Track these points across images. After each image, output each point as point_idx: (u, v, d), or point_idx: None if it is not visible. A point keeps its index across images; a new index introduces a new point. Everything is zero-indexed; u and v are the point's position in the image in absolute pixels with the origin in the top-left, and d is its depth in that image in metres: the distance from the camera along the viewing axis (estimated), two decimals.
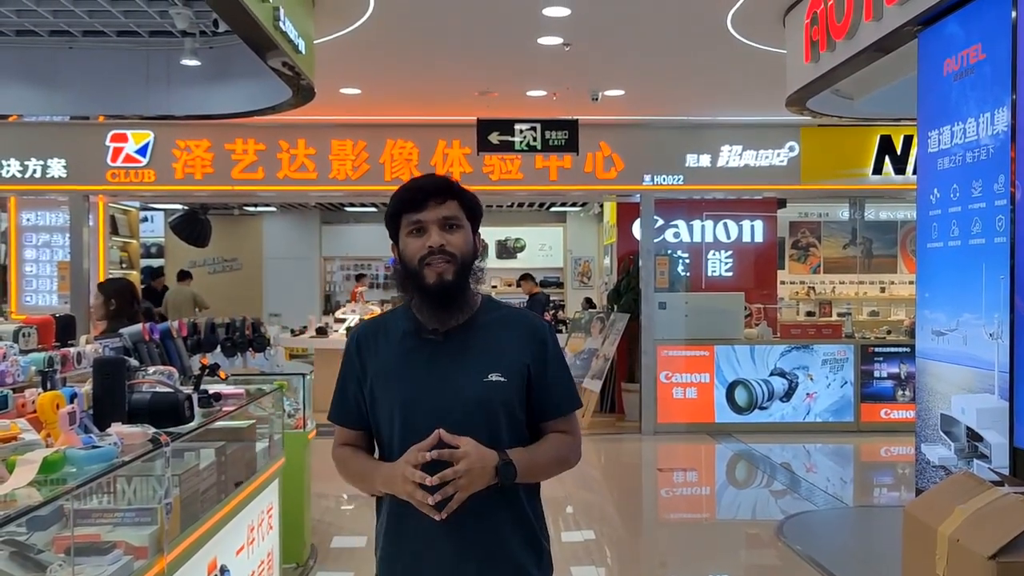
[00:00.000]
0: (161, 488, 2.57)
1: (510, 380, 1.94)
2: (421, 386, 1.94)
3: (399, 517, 1.94)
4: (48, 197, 9.78)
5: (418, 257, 1.93)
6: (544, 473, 2.00)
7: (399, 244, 1.99)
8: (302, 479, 4.94)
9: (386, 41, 6.82)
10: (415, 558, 1.94)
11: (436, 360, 1.95)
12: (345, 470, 2.06)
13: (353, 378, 2.04)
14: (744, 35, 6.62)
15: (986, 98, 3.78)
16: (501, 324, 2.02)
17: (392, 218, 2.00)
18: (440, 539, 1.90)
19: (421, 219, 1.94)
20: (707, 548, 5.86)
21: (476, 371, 1.94)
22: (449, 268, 1.92)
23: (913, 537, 2.94)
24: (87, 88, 7.23)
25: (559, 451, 2.01)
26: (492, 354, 1.96)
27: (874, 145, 9.69)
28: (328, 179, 9.58)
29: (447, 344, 1.96)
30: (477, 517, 1.88)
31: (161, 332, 4.24)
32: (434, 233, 1.93)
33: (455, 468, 1.80)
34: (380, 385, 1.98)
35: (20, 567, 2.17)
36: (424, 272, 1.92)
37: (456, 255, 1.93)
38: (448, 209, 1.95)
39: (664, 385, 9.45)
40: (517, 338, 2.00)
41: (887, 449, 8.79)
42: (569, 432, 2.04)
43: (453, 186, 1.99)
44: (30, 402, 2.62)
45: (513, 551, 1.94)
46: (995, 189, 3.68)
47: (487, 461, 1.84)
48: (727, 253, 10.93)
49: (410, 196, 1.97)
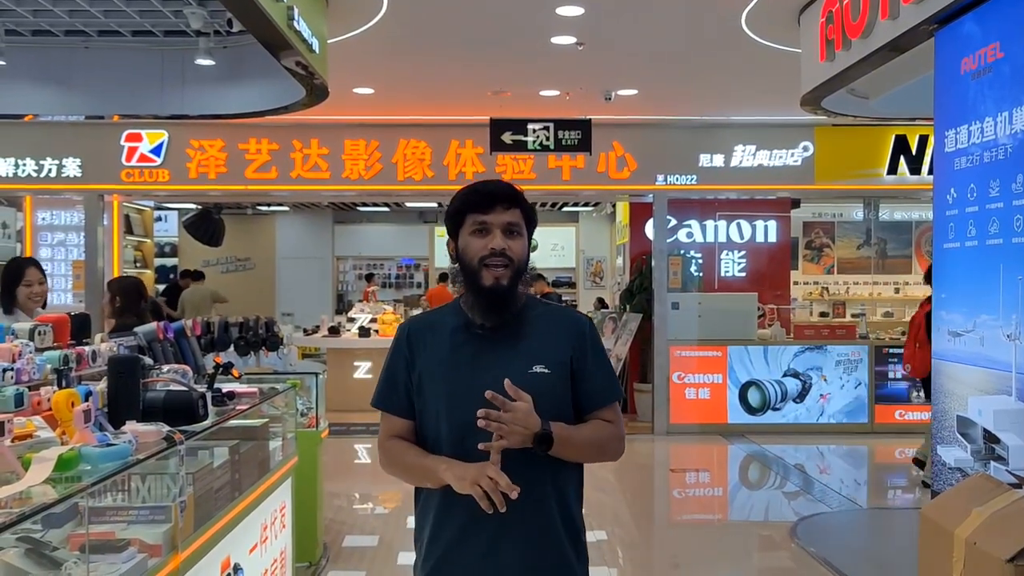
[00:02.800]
0: (175, 486, 2.58)
1: (553, 371, 2.04)
2: (468, 378, 2.01)
3: (447, 505, 2.02)
4: (63, 196, 9.85)
5: (479, 257, 2.03)
6: (580, 453, 2.06)
7: (459, 241, 2.07)
8: (315, 478, 4.95)
9: (399, 41, 6.83)
10: (460, 543, 2.02)
11: (483, 354, 2.05)
12: (395, 462, 2.11)
13: (403, 369, 2.11)
14: (758, 34, 6.59)
15: (1004, 97, 3.74)
16: (544, 319, 2.12)
17: (455, 215, 2.08)
18: (487, 524, 1.95)
19: (487, 221, 2.03)
20: (720, 549, 5.83)
21: (521, 364, 2.03)
22: (506, 273, 2.02)
23: (929, 540, 2.92)
24: (102, 88, 7.27)
25: (598, 435, 2.08)
26: (536, 347, 2.06)
27: (889, 145, 9.63)
28: (341, 179, 9.60)
29: (494, 339, 2.05)
30: (526, 509, 1.94)
31: (175, 331, 4.25)
32: (498, 236, 2.03)
33: (499, 413, 1.89)
34: (428, 377, 2.06)
35: (35, 564, 2.17)
36: (482, 273, 2.02)
37: (514, 260, 2.03)
38: (512, 216, 2.05)
39: (677, 386, 9.42)
40: (560, 332, 2.10)
41: (901, 451, 8.73)
42: (612, 422, 2.12)
43: (519, 195, 2.09)
44: (45, 400, 2.63)
45: (560, 543, 2.03)
46: (1013, 189, 3.65)
47: (531, 423, 1.92)
48: (740, 253, 10.89)
49: (479, 198, 2.06)
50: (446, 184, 9.61)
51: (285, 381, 4.33)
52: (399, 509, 6.79)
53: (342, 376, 10.40)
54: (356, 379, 10.55)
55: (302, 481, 4.47)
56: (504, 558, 1.99)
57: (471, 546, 2.00)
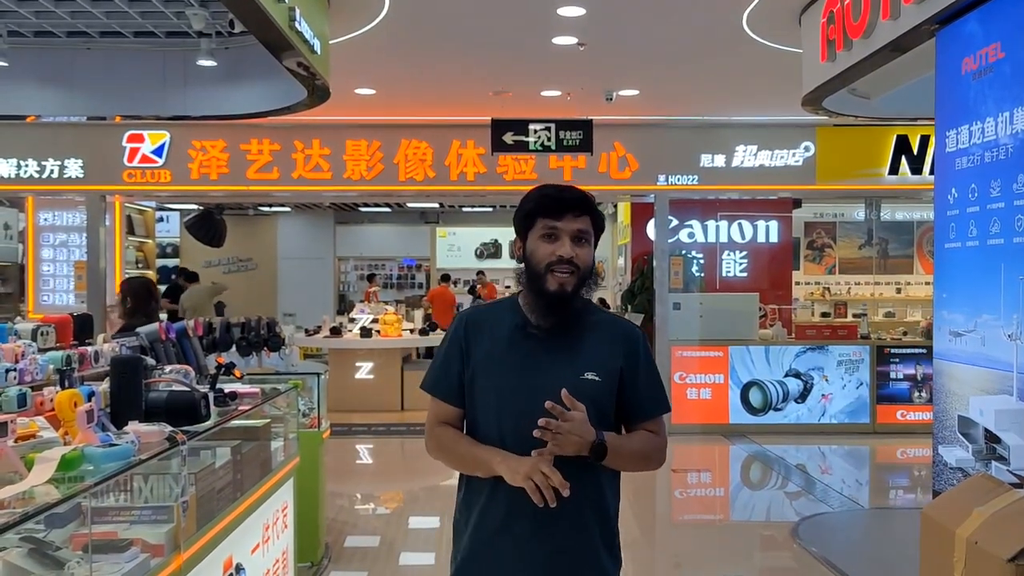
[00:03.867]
0: (177, 486, 2.58)
1: (603, 380, 2.07)
2: (520, 377, 2.06)
3: (492, 497, 2.06)
4: (65, 197, 9.86)
5: (546, 262, 2.05)
6: (628, 462, 2.10)
7: (527, 243, 2.10)
8: (317, 478, 4.96)
9: (401, 42, 6.83)
10: (499, 534, 2.05)
11: (537, 355, 2.08)
12: (447, 449, 2.15)
13: (457, 358, 2.14)
14: (760, 34, 6.59)
15: (1005, 97, 3.74)
16: (599, 327, 2.15)
17: (526, 217, 2.11)
18: (525, 516, 2.00)
19: (558, 227, 2.06)
20: (722, 549, 5.83)
21: (573, 368, 2.06)
22: (571, 280, 2.05)
23: (931, 539, 2.92)
24: (104, 89, 7.28)
25: (645, 447, 2.13)
26: (589, 354, 2.09)
27: (890, 145, 9.62)
28: (343, 179, 9.61)
29: (549, 341, 2.09)
30: (564, 508, 1.96)
31: (177, 331, 4.26)
32: (567, 243, 2.05)
33: (558, 423, 1.91)
34: (482, 371, 2.10)
35: (38, 564, 2.18)
36: (548, 277, 2.05)
37: (580, 268, 2.06)
38: (582, 223, 2.08)
39: (678, 386, 9.41)
40: (613, 342, 2.13)
41: (903, 451, 8.73)
42: (657, 433, 2.16)
43: (591, 203, 2.11)
44: (48, 400, 2.64)
45: (594, 542, 2.08)
46: (1014, 189, 3.65)
47: (586, 433, 1.95)
48: (742, 253, 10.89)
49: (551, 203, 2.08)
50: (447, 184, 9.62)
51: (287, 381, 4.33)
52: (400, 509, 6.80)
53: (344, 376, 10.41)
54: (358, 379, 10.56)
55: (304, 481, 4.47)
56: (538, 554, 2.04)
57: (508, 539, 2.05)
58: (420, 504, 7.06)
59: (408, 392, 10.53)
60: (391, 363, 10.65)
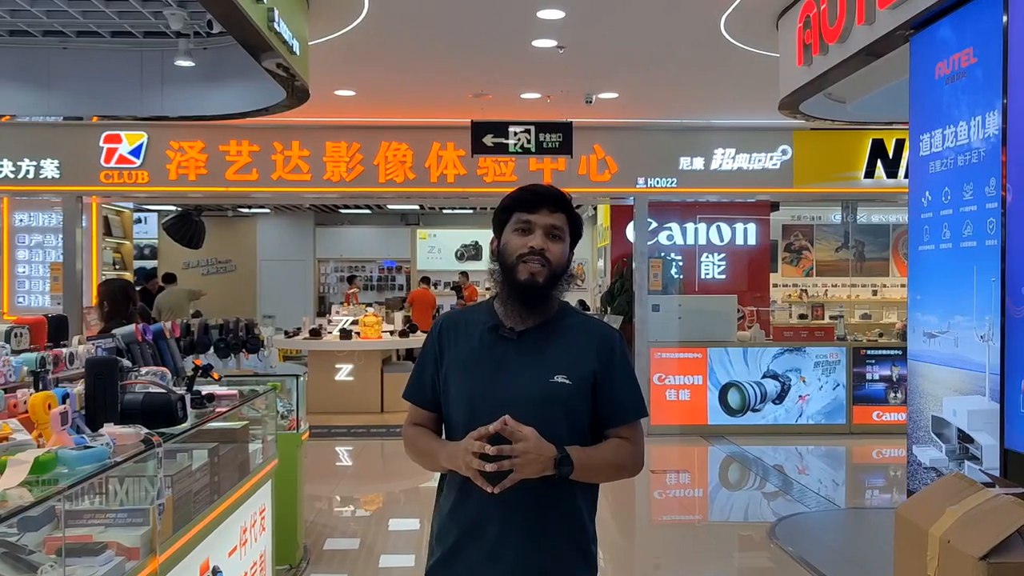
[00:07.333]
0: (153, 489, 2.57)
1: (574, 383, 2.04)
2: (490, 380, 2.05)
3: (457, 504, 2.05)
4: (41, 198, 9.77)
5: (517, 254, 2.06)
6: (600, 474, 2.08)
7: (501, 238, 2.12)
8: (295, 480, 4.93)
9: (380, 43, 6.82)
10: (466, 542, 2.03)
11: (508, 357, 2.06)
12: (412, 447, 2.17)
13: (431, 363, 2.16)
14: (737, 38, 6.64)
15: (977, 102, 3.79)
16: (574, 329, 2.12)
17: (503, 212, 2.13)
18: (495, 520, 1.99)
19: (531, 220, 2.07)
20: (700, 550, 5.86)
21: (543, 371, 2.04)
22: (542, 272, 2.04)
23: (905, 538, 2.95)
24: (81, 89, 7.21)
25: (617, 455, 2.08)
26: (561, 357, 2.06)
27: (866, 148, 9.72)
28: (322, 180, 9.58)
29: (521, 343, 2.07)
30: (531, 514, 1.98)
31: (154, 333, 4.23)
32: (539, 236, 2.06)
33: (512, 447, 1.89)
34: (454, 375, 2.10)
35: (11, 568, 2.16)
36: (519, 267, 2.05)
37: (551, 262, 2.06)
38: (557, 219, 2.09)
39: (657, 387, 9.46)
40: (587, 344, 2.10)
41: (879, 451, 8.81)
42: (631, 440, 2.11)
43: (566, 201, 2.13)
44: (22, 402, 2.62)
45: (566, 549, 2.04)
46: (986, 192, 3.70)
47: (544, 451, 1.93)
48: (720, 256, 10.95)
49: (527, 197, 2.10)
50: (428, 186, 9.61)
51: (265, 383, 4.31)
52: (380, 512, 6.79)
53: (323, 378, 10.37)
54: (337, 381, 10.52)
55: (282, 484, 4.45)
56: (506, 561, 2.00)
57: (476, 547, 2.02)
58: (400, 506, 7.05)
59: (388, 394, 10.50)
60: (371, 365, 10.62)
